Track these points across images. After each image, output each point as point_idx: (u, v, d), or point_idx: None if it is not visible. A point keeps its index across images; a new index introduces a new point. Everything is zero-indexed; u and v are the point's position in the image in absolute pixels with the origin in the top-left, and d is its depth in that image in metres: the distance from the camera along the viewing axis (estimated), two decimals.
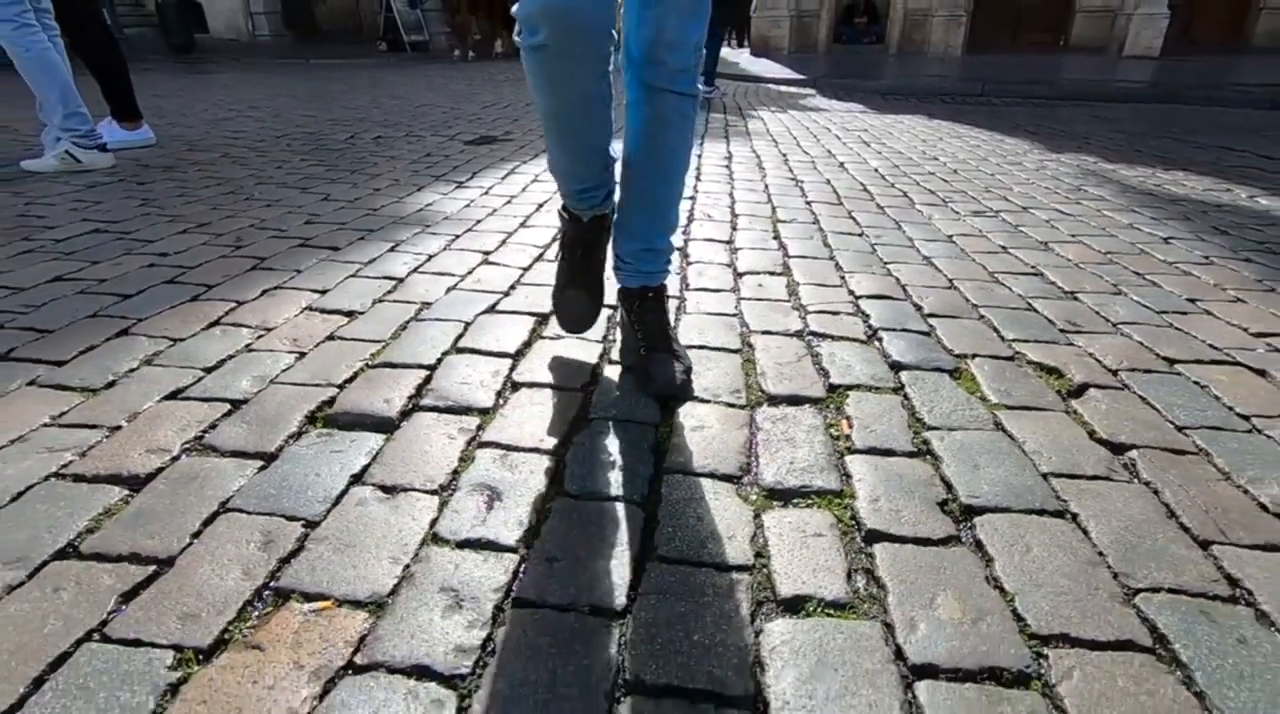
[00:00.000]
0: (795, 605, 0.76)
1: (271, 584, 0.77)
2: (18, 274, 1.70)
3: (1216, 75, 8.17)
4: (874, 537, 0.86)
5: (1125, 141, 4.21)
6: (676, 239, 1.50)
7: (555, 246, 1.56)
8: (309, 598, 0.76)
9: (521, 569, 0.80)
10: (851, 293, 1.67)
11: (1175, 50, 11.36)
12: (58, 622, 0.72)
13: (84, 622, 0.72)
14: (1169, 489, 0.95)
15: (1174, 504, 0.92)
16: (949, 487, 0.96)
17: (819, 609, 0.75)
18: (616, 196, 1.24)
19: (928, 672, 0.68)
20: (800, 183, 2.90)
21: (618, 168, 1.21)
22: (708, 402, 1.17)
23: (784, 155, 3.54)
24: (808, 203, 2.56)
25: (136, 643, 0.69)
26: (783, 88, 7.67)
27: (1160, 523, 0.89)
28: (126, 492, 0.92)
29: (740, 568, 0.81)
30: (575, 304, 1.27)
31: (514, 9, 0.96)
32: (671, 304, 1.47)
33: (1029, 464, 1.01)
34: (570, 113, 1.08)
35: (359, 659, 0.68)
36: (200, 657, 0.68)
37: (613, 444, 1.04)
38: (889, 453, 1.03)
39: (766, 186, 2.81)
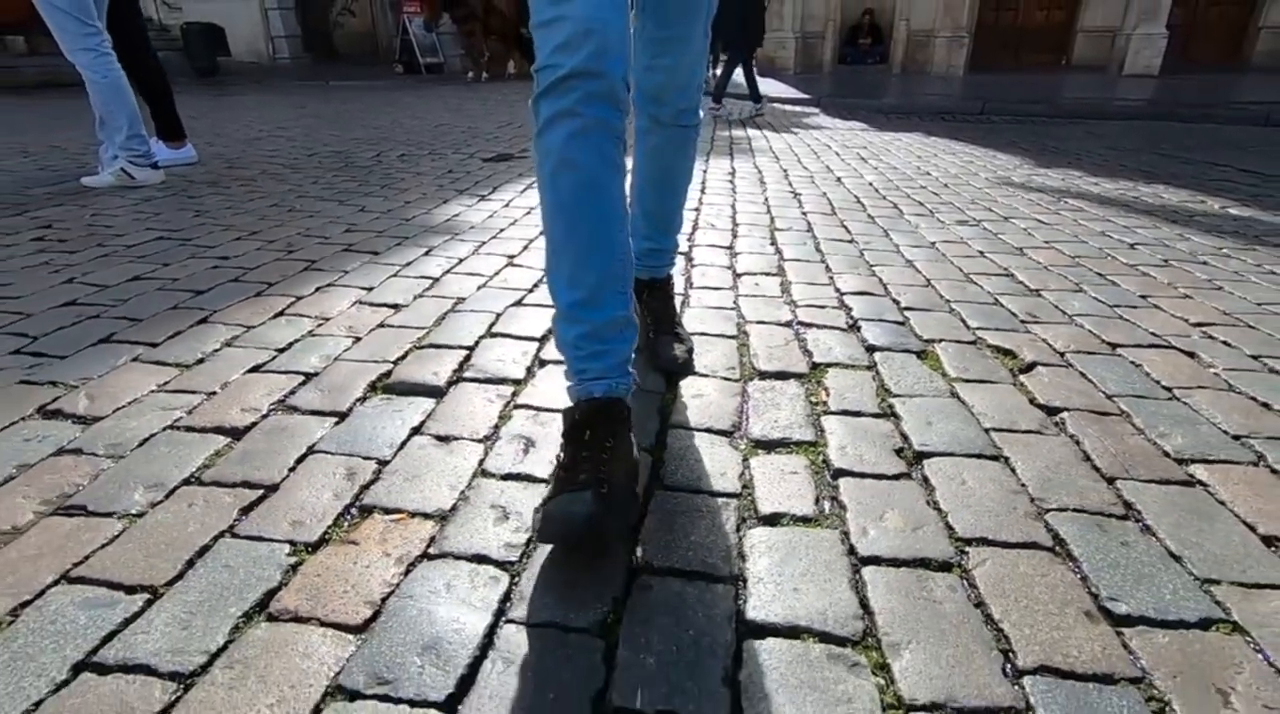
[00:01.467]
0: (773, 520, 0.96)
1: (357, 503, 0.98)
2: (101, 274, 1.93)
3: (1213, 93, 8.35)
4: (840, 474, 1.06)
5: (1114, 157, 4.41)
6: (681, 239, 1.68)
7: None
8: (388, 511, 0.96)
9: (551, 480, 1.00)
10: (838, 290, 1.88)
11: (1175, 69, 11.57)
12: (196, 525, 0.92)
13: (216, 525, 0.92)
14: (1088, 440, 1.15)
15: (1090, 451, 1.12)
16: (905, 438, 1.15)
17: (791, 522, 0.95)
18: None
19: (872, 560, 0.87)
20: (798, 195, 3.11)
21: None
22: (707, 376, 1.38)
23: (784, 170, 3.76)
24: (804, 213, 2.77)
25: (260, 539, 0.90)
26: (787, 107, 7.92)
27: (1076, 464, 1.08)
28: (230, 440, 1.13)
29: (729, 495, 1.01)
30: (572, 506, 0.82)
31: (533, 67, 0.90)
32: (676, 299, 1.67)
33: (974, 422, 1.20)
34: (584, 185, 0.92)
35: (432, 550, 0.89)
36: (309, 548, 0.89)
37: None
38: (858, 414, 1.23)
39: (766, 199, 3.03)
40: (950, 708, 0.68)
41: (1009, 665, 0.72)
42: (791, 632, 0.77)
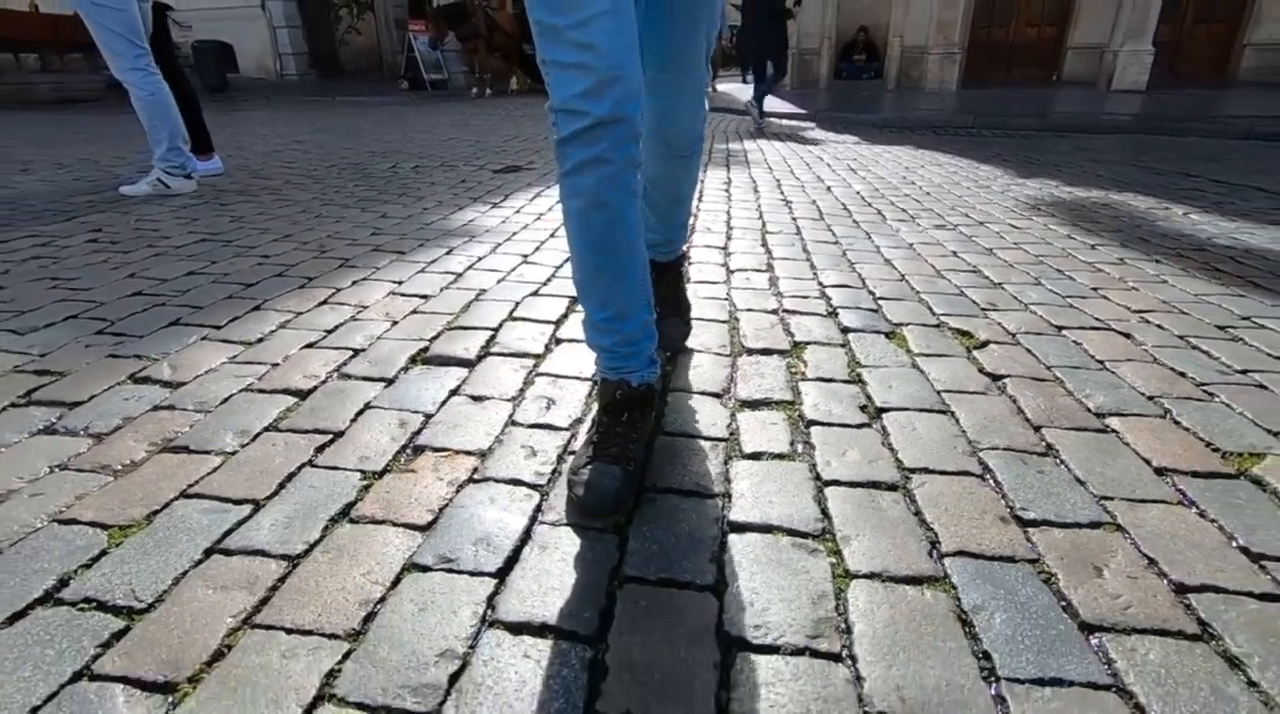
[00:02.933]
0: (754, 456, 1.16)
1: (411, 444, 1.18)
2: (158, 270, 2.14)
3: (1197, 108, 8.59)
4: (811, 423, 1.26)
5: (1092, 168, 4.63)
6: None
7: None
8: (437, 450, 1.16)
9: (572, 438, 1.21)
10: (820, 284, 2.09)
11: (1163, 85, 11.86)
12: (281, 459, 1.13)
13: (298, 459, 1.13)
14: (1024, 399, 1.35)
15: (1024, 407, 1.32)
16: (869, 398, 1.36)
17: (769, 457, 1.16)
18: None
19: (834, 483, 1.08)
20: (789, 203, 3.33)
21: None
22: (701, 352, 1.58)
23: (777, 180, 3.99)
24: (794, 218, 2.99)
25: (335, 468, 1.11)
26: (783, 121, 8.17)
27: (1011, 417, 1.29)
28: (297, 399, 1.33)
29: (719, 439, 1.21)
30: (605, 479, 0.99)
31: (547, 105, 0.96)
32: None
33: (929, 385, 1.41)
34: (610, 219, 1.00)
35: (476, 476, 1.09)
36: (376, 475, 1.09)
37: None
38: (830, 380, 1.44)
39: (759, 206, 3.25)
40: (884, 576, 0.88)
41: (934, 550, 0.93)
42: (765, 529, 0.97)
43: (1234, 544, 0.94)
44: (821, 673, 0.74)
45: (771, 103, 9.33)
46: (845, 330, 1.71)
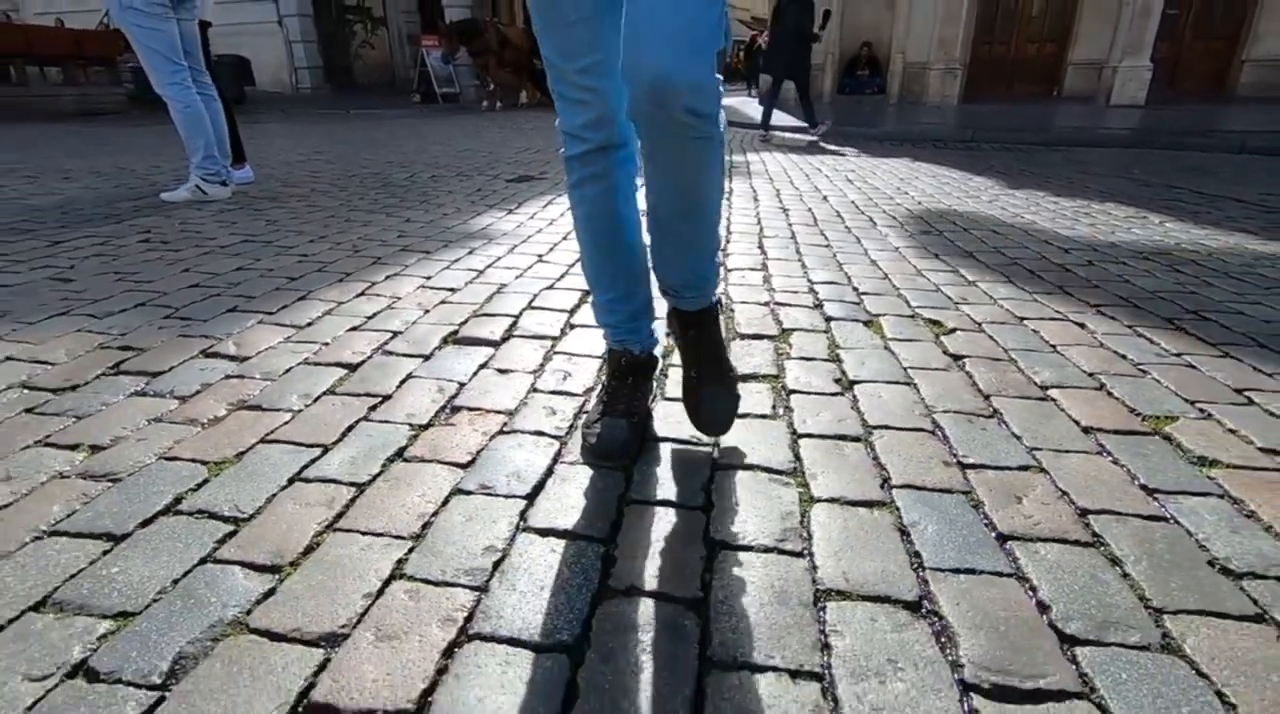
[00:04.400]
0: (742, 416, 1.35)
1: (449, 405, 1.39)
2: (209, 266, 2.37)
3: (1193, 122, 8.78)
4: (792, 392, 1.47)
5: (1080, 180, 4.84)
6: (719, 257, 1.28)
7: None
8: (471, 410, 1.37)
9: (585, 402, 1.41)
10: (809, 281, 2.29)
11: (1162, 99, 12.07)
12: (341, 415, 1.34)
13: (355, 416, 1.34)
14: (979, 375, 1.55)
15: (978, 381, 1.52)
16: (844, 372, 1.56)
17: (753, 417, 1.36)
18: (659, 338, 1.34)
19: (807, 436, 1.28)
20: (786, 210, 3.55)
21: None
22: None
23: (777, 190, 4.21)
24: (789, 224, 3.20)
25: (387, 422, 1.31)
26: (786, 134, 8.41)
27: (966, 387, 1.49)
28: (347, 371, 1.55)
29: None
30: (622, 437, 1.18)
31: (557, 123, 1.12)
32: None
33: (898, 363, 1.61)
34: (605, 218, 1.18)
35: (504, 429, 1.30)
36: (422, 428, 1.30)
37: None
38: (811, 359, 1.64)
39: (758, 213, 3.46)
40: (841, 501, 1.08)
41: (885, 484, 1.13)
42: (747, 468, 1.17)
43: (1135, 483, 1.14)
44: (785, 564, 0.94)
45: (774, 116, 9.57)
46: (828, 319, 1.92)
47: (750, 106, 12.63)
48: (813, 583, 0.90)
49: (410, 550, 0.96)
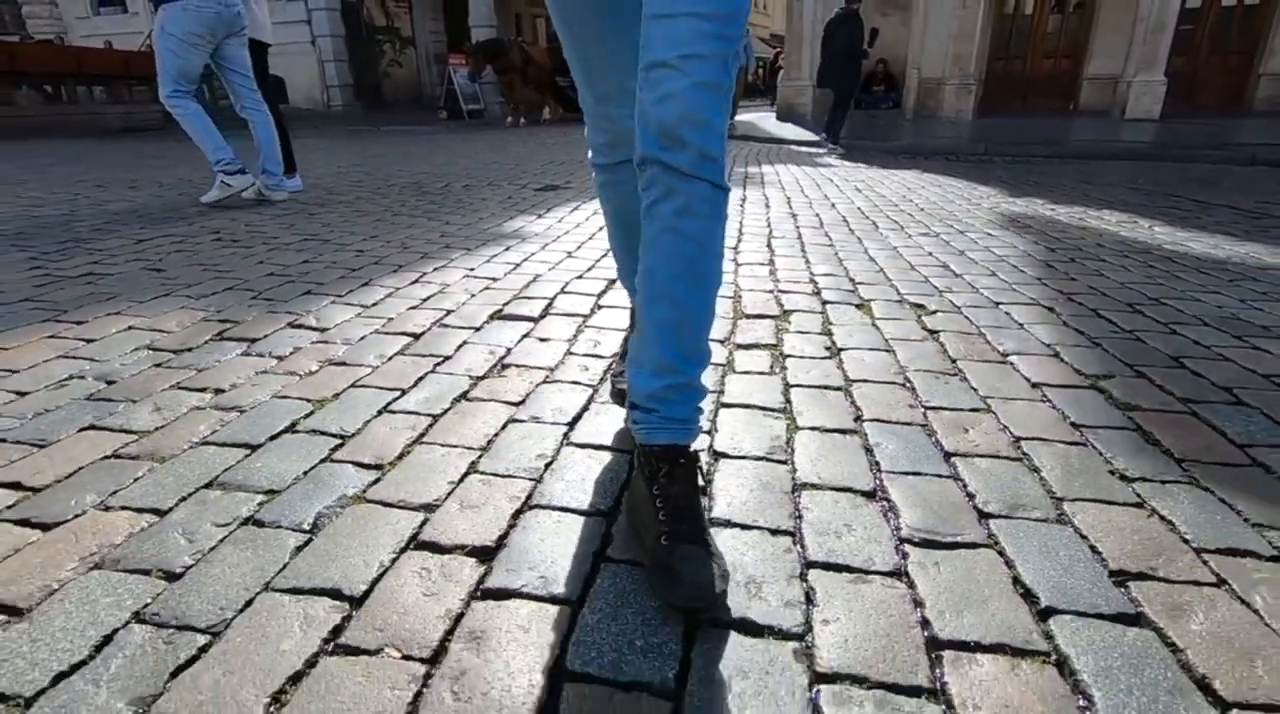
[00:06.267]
0: (744, 372, 1.62)
1: (500, 363, 1.67)
2: (279, 259, 2.68)
3: (1206, 136, 8.93)
4: (788, 356, 1.73)
5: (1082, 189, 5.05)
6: (709, 381, 1.43)
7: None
8: (519, 366, 1.65)
9: (613, 361, 1.69)
10: (811, 273, 2.56)
11: (1178, 113, 12.21)
12: (412, 369, 1.62)
13: (424, 369, 1.62)
14: (950, 345, 1.81)
15: (949, 349, 1.78)
16: (834, 342, 1.82)
17: (754, 374, 1.62)
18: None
19: (798, 386, 1.54)
20: (795, 215, 3.82)
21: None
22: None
23: (788, 198, 4.48)
24: (797, 227, 3.47)
25: (449, 374, 1.60)
26: (801, 148, 8.69)
27: (937, 355, 1.74)
28: (412, 338, 1.83)
29: (719, 364, 1.68)
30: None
31: (585, 131, 1.26)
32: None
33: (881, 336, 1.87)
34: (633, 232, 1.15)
35: (547, 380, 1.57)
36: (479, 378, 1.58)
37: None
38: (806, 332, 1.90)
39: (768, 218, 3.73)
40: (820, 429, 1.34)
41: (858, 418, 1.39)
42: (746, 407, 1.44)
43: (1066, 421, 1.39)
44: (771, 468, 1.20)
45: (790, 130, 9.86)
46: (825, 303, 2.18)
47: (769, 122, 12.95)
48: (792, 479, 1.17)
49: (480, 456, 1.24)
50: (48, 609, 0.86)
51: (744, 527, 1.04)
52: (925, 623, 0.85)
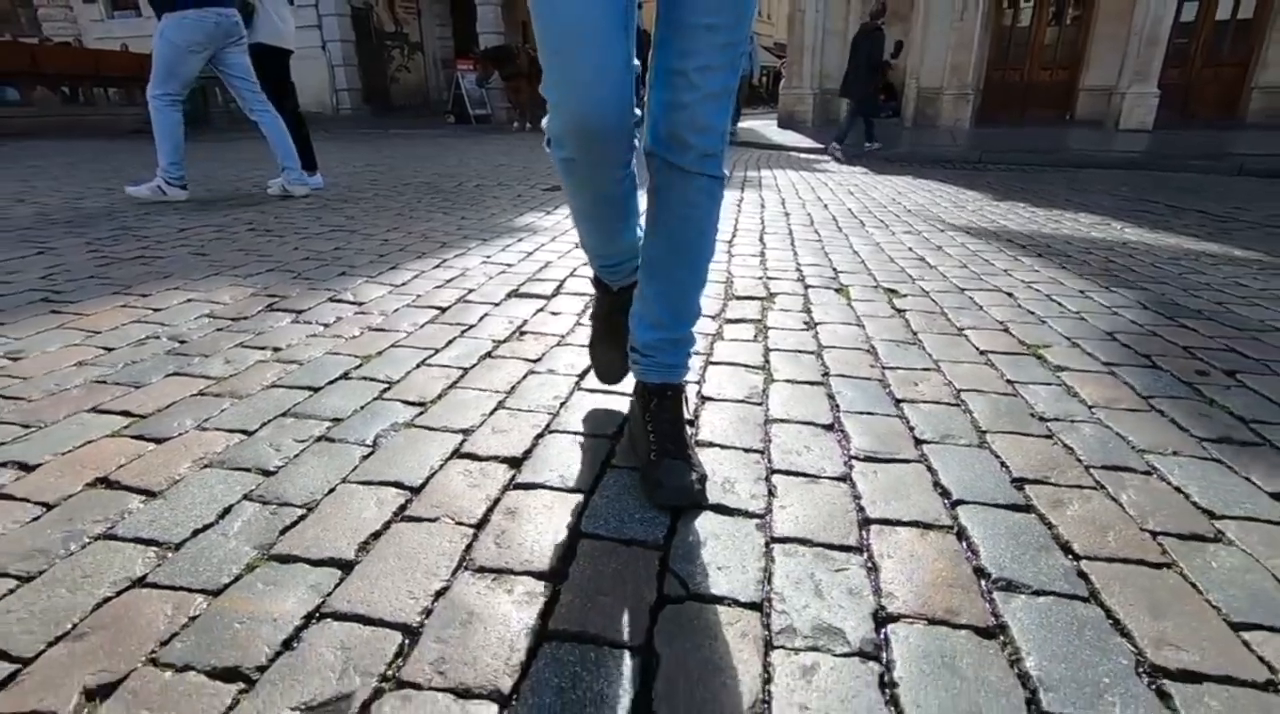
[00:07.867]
0: (731, 340, 1.87)
1: (519, 331, 1.92)
2: (311, 247, 2.94)
3: (1197, 146, 9.14)
4: (770, 328, 1.97)
5: (1065, 195, 5.29)
6: (700, 345, 1.72)
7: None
8: (535, 333, 1.90)
9: None
10: (798, 263, 2.80)
11: (1171, 125, 12.47)
12: (443, 335, 1.87)
13: (452, 334, 1.87)
14: (914, 321, 2.05)
15: (914, 326, 2.02)
16: (811, 318, 2.07)
17: (739, 342, 1.86)
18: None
19: (776, 350, 1.78)
20: (788, 215, 4.07)
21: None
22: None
23: (782, 199, 4.73)
24: (789, 225, 3.71)
25: (475, 337, 1.84)
26: (800, 154, 8.95)
27: (902, 328, 1.99)
28: (439, 311, 2.08)
29: (709, 334, 1.93)
30: (608, 359, 1.41)
31: (544, 121, 1.03)
32: None
33: (854, 313, 2.11)
34: (597, 207, 1.16)
35: (560, 343, 1.82)
36: (500, 341, 1.83)
37: None
38: (788, 311, 2.15)
39: (762, 217, 3.98)
40: (792, 382, 1.58)
41: (825, 375, 1.63)
42: (730, 365, 1.68)
43: (1003, 378, 1.63)
44: (748, 409, 1.45)
45: (791, 137, 10.12)
46: (808, 287, 2.43)
47: (770, 129, 13.24)
48: (765, 416, 1.41)
49: (506, 397, 1.48)
50: (176, 492, 1.10)
51: (723, 447, 1.28)
52: (860, 509, 1.09)
